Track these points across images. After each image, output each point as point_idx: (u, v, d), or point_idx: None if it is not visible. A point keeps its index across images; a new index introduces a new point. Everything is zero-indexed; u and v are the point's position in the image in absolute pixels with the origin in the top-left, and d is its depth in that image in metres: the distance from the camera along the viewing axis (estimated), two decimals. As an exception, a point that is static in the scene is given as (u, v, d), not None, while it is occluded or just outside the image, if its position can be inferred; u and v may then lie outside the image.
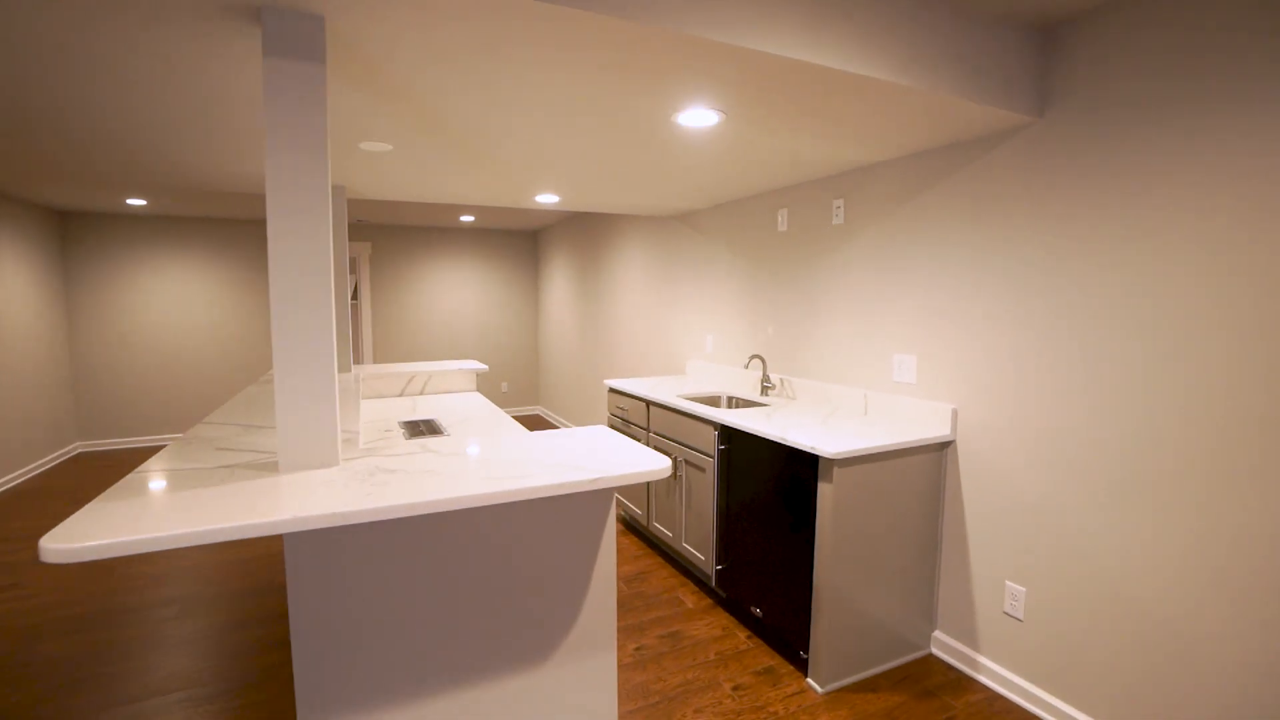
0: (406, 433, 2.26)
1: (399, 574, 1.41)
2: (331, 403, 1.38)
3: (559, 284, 6.59)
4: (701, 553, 2.84)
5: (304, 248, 1.32)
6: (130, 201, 4.86)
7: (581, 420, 6.07)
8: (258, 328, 6.11)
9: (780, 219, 3.17)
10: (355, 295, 6.59)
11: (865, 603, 2.17)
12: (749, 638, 2.48)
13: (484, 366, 3.36)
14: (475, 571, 1.47)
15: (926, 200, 2.36)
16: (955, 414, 2.27)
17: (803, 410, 2.74)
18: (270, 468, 1.42)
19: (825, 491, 2.08)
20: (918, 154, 2.40)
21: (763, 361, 3.22)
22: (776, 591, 2.33)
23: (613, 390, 3.65)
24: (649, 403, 3.25)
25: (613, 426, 3.69)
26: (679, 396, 3.12)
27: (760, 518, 2.41)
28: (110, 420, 5.67)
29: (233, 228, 5.94)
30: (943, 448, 2.30)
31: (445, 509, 1.24)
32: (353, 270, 6.67)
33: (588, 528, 1.58)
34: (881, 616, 2.22)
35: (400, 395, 3.17)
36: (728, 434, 2.59)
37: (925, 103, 1.82)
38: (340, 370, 3.03)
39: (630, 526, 3.69)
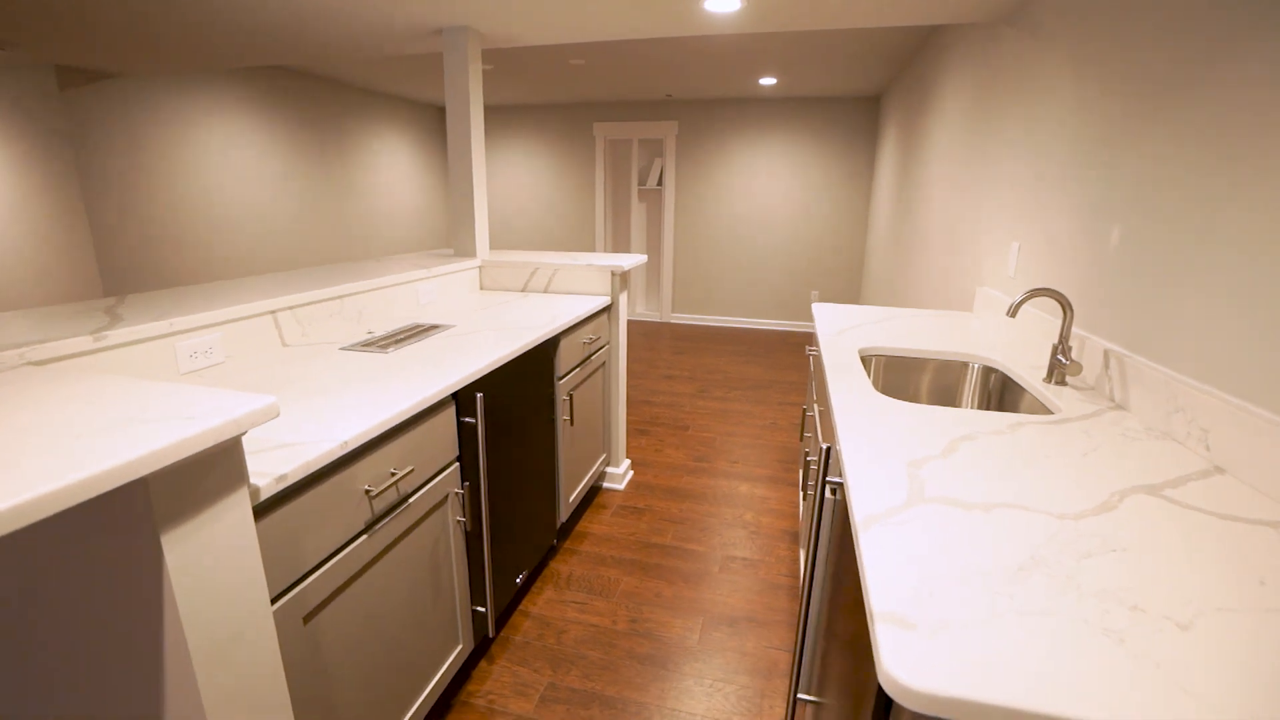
0: (369, 337, 1.70)
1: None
2: None
3: (887, 168, 4.85)
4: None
5: None
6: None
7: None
8: (568, 203, 6.39)
9: (1198, -59, 1.21)
10: (660, 181, 6.22)
11: None
12: None
13: (622, 265, 2.48)
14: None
15: None
16: None
17: (1106, 455, 1.06)
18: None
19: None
20: None
21: (1065, 309, 1.43)
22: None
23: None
24: (812, 356, 1.89)
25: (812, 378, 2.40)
26: (862, 351, 1.67)
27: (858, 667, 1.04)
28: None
29: (549, 113, 6.16)
30: None
31: None
32: (659, 153, 6.27)
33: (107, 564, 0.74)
34: None
35: (523, 290, 2.61)
36: (839, 474, 1.19)
37: None
38: (463, 254, 2.63)
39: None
